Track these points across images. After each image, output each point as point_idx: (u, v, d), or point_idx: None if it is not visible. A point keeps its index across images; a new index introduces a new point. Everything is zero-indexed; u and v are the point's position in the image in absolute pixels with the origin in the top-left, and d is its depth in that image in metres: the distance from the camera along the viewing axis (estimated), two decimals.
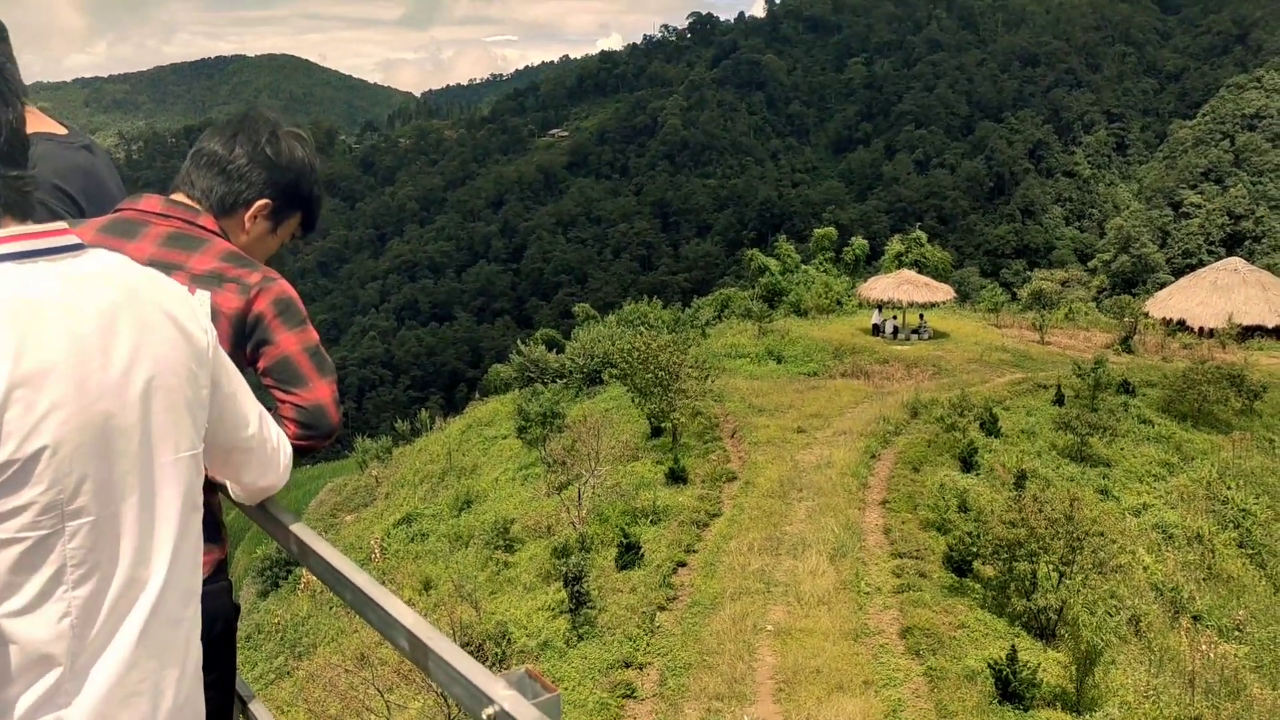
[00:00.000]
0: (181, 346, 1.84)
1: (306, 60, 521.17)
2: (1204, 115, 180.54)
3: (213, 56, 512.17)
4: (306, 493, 52.56)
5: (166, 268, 2.28)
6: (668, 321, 48.89)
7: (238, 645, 2.78)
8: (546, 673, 16.38)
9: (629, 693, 15.42)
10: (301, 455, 2.62)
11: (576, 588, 18.21)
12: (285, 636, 25.73)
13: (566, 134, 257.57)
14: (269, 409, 2.40)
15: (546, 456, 26.85)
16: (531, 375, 41.28)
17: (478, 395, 52.37)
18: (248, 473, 2.32)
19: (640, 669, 16.37)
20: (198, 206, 2.66)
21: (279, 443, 2.36)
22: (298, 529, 2.35)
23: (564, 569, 19.03)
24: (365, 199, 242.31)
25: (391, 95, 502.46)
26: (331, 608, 25.15)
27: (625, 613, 18.30)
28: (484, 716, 1.66)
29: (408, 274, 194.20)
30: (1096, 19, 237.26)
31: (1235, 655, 20.94)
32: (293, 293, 2.58)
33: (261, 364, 2.56)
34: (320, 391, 2.58)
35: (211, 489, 2.43)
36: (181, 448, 1.83)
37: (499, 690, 1.69)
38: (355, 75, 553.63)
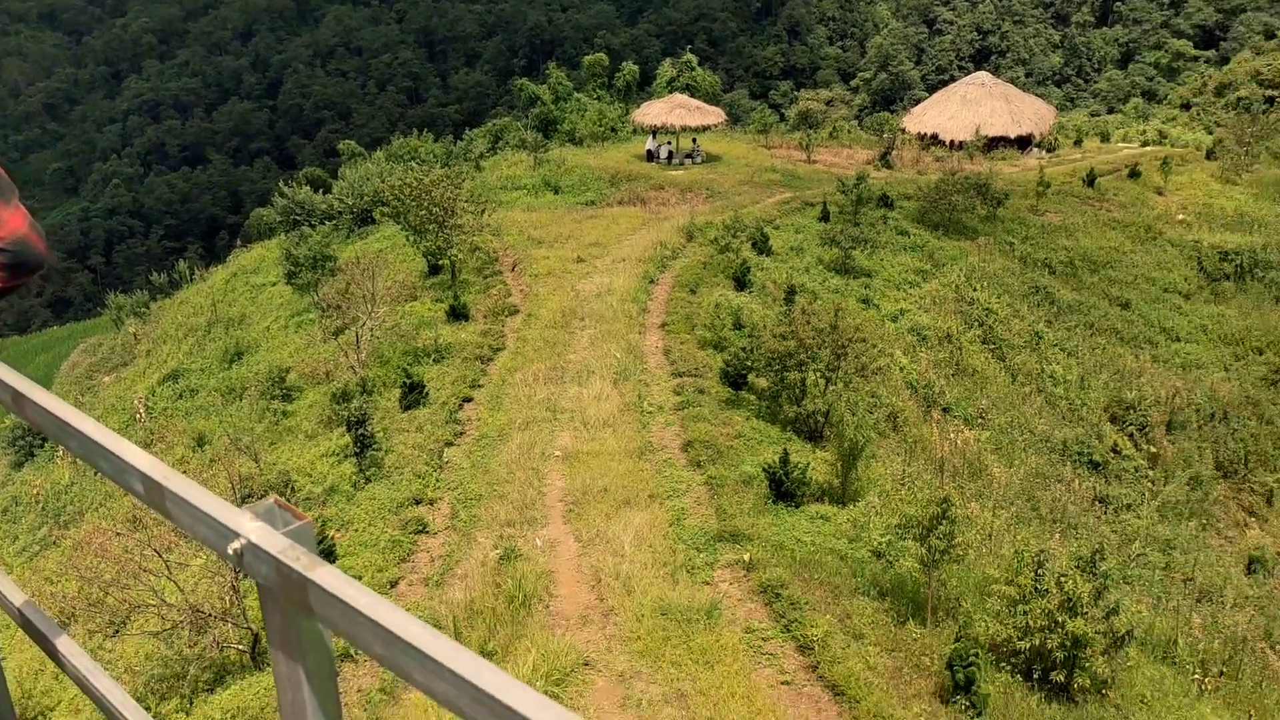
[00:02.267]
0: None
1: None
2: None
3: None
4: (57, 355, 49.04)
5: None
6: (440, 156, 47.30)
7: None
8: (335, 517, 16.24)
9: (421, 528, 15.52)
10: (3, 295, 2.33)
11: (360, 431, 17.94)
12: (47, 506, 24.30)
13: None
14: None
15: (320, 301, 25.89)
16: (298, 218, 39.28)
17: (240, 242, 49.56)
18: None
19: (431, 505, 16.46)
20: None
21: None
22: (6, 375, 2.08)
23: (346, 414, 18.66)
24: (93, 32, 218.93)
25: None
26: (95, 473, 23.83)
27: (412, 451, 18.24)
28: (230, 552, 1.54)
29: (150, 115, 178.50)
30: None
31: (978, 440, 23.12)
32: None
33: None
34: (14, 222, 2.28)
35: None
36: None
37: (245, 523, 1.56)
38: None
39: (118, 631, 15.05)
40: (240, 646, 13.26)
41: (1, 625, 13.29)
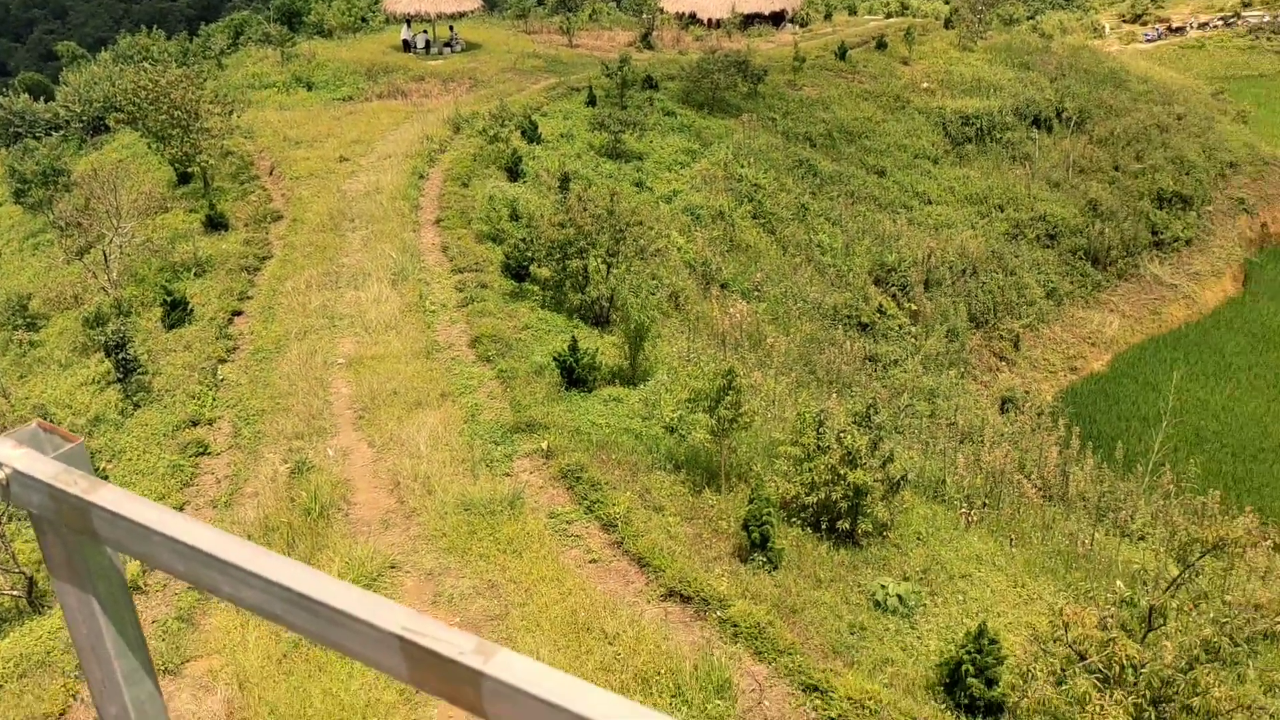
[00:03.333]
0: None
1: None
2: None
3: None
4: None
5: None
6: (175, 54, 43.68)
7: None
8: (104, 448, 15.22)
9: (201, 450, 14.76)
10: None
11: (121, 355, 16.73)
12: None
13: None
14: None
15: (57, 219, 23.70)
16: (19, 130, 35.56)
17: None
18: None
19: (210, 425, 15.66)
20: None
21: None
22: None
23: (103, 338, 17.33)
24: None
25: None
26: None
27: (183, 372, 17.22)
28: None
29: None
30: None
31: (755, 312, 24.00)
32: None
33: None
34: None
35: None
36: None
37: (7, 451, 1.40)
38: None
39: None
40: (14, 592, 12.35)
41: None
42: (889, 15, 61.64)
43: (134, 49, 44.09)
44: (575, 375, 16.69)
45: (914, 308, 27.79)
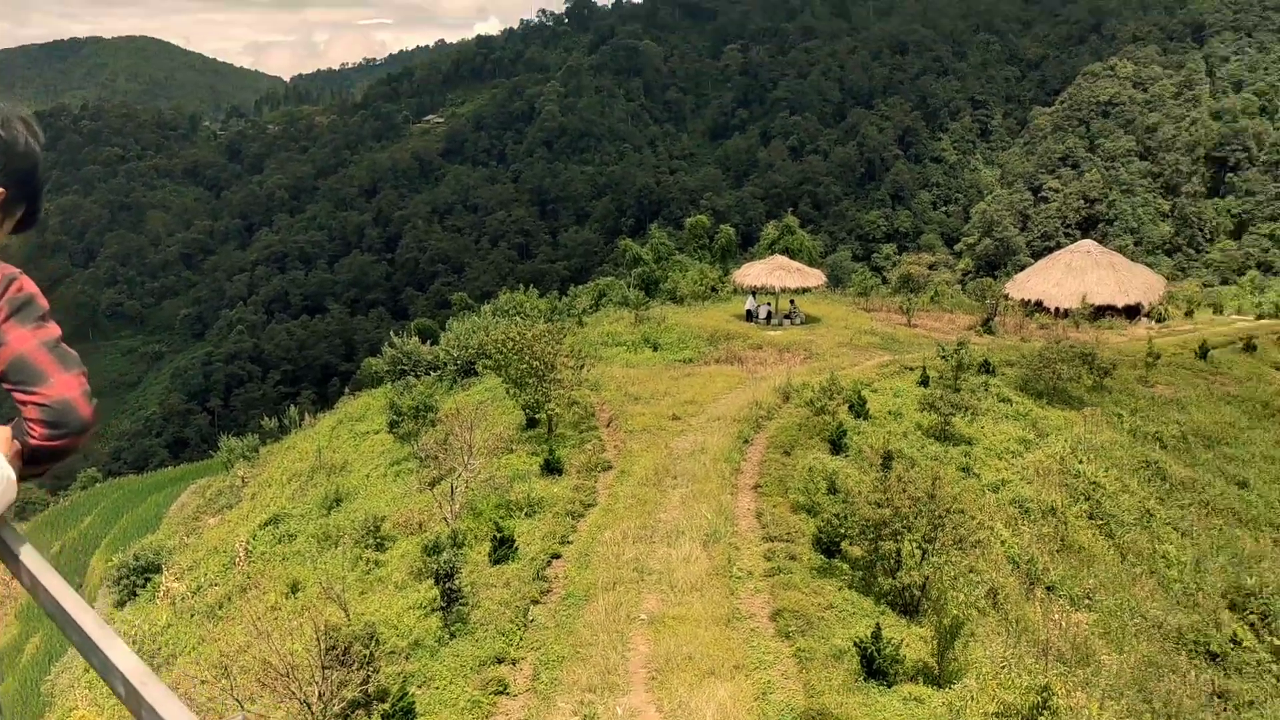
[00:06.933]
0: None
1: (168, 43, 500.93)
2: (1061, 102, 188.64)
3: (67, 38, 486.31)
4: (169, 495, 50.65)
5: None
6: (544, 310, 48.64)
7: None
8: (417, 673, 16.13)
9: (501, 689, 15.28)
10: (55, 458, 2.46)
11: (448, 584, 17.95)
12: (143, 648, 24.71)
13: (442, 120, 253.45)
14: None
15: (419, 451, 26.40)
16: (404, 368, 40.54)
17: (350, 390, 51.22)
18: None
19: (513, 664, 16.24)
20: None
21: None
22: (28, 558, 2.19)
23: (435, 566, 18.73)
24: (231, 187, 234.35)
25: (259, 80, 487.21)
26: (193, 615, 24.30)
27: (498, 608, 18.14)
28: None
29: (277, 265, 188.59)
30: (963, 8, 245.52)
31: (1085, 623, 21.95)
32: (31, 287, 2.43)
33: None
34: (65, 386, 2.43)
35: None
36: None
37: None
38: (220, 59, 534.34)
39: None
40: None
41: None
42: (1260, 317, 57.62)
43: (510, 304, 49.58)
44: (876, 666, 15.88)
45: (1277, 642, 24.29)
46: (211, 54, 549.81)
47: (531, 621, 17.75)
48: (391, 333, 46.88)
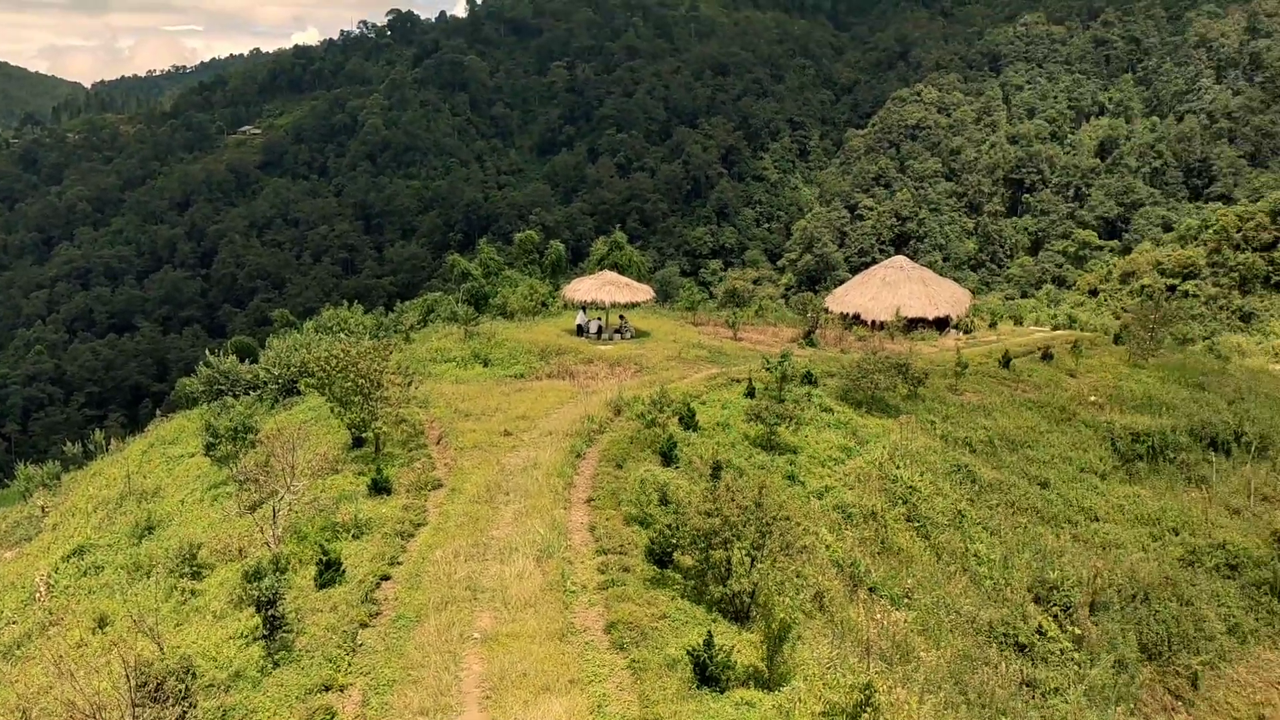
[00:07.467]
0: None
1: None
2: (873, 125, 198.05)
3: None
4: None
5: None
6: (369, 327, 47.48)
7: None
8: (238, 705, 15.40)
9: (329, 716, 14.77)
10: None
11: (271, 611, 17.22)
12: None
13: (259, 132, 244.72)
14: None
15: (238, 474, 25.24)
16: (221, 388, 38.77)
17: (162, 412, 48.59)
18: None
19: (341, 691, 15.73)
20: None
21: None
22: None
23: (256, 593, 17.93)
24: (27, 199, 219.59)
25: (58, 85, 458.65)
26: None
27: (325, 633, 17.54)
28: None
29: (80, 281, 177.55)
30: (779, 33, 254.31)
31: (905, 621, 22.93)
32: None
33: None
34: None
35: None
36: None
37: None
38: (13, 63, 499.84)
39: None
40: None
41: None
42: (1056, 327, 61.80)
43: (334, 320, 48.14)
44: (709, 673, 16.13)
45: (1078, 631, 25.98)
46: (3, 57, 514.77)
47: (360, 646, 17.24)
48: (207, 351, 44.72)
